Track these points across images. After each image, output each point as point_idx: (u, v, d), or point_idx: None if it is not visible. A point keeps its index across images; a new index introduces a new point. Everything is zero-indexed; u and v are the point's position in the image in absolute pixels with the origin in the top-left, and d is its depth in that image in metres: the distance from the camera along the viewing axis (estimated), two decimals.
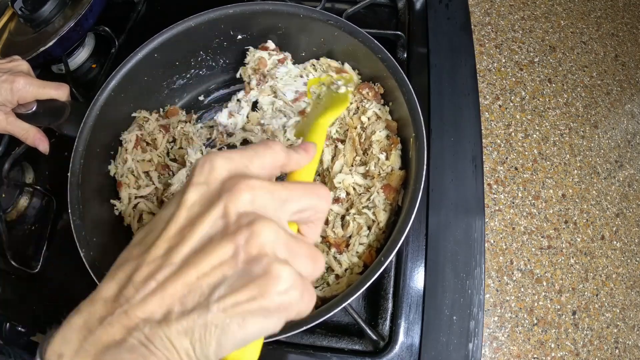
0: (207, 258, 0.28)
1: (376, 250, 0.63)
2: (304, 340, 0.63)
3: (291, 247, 0.30)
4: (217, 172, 0.32)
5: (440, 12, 0.87)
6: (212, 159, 0.32)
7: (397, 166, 0.67)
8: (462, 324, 0.62)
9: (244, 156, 0.34)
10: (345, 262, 0.62)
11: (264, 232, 0.29)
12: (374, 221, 0.64)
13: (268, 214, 0.31)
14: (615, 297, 1.81)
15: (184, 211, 0.31)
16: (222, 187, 0.31)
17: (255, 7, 0.74)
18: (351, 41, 0.71)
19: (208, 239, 0.29)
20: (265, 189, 0.31)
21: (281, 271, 0.28)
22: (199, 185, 0.31)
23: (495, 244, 1.87)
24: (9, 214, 0.77)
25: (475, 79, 0.79)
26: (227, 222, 0.30)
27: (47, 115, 0.69)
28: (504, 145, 2.07)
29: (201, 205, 0.31)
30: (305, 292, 0.30)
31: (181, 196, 0.32)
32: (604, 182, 2.02)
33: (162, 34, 0.73)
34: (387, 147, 0.69)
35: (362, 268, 0.62)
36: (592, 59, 2.32)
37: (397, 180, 0.65)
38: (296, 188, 0.33)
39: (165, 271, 0.28)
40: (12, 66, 0.67)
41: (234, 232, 0.29)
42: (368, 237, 0.63)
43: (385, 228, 0.64)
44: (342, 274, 0.62)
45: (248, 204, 0.30)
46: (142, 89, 0.77)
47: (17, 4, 0.82)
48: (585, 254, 1.88)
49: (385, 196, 0.64)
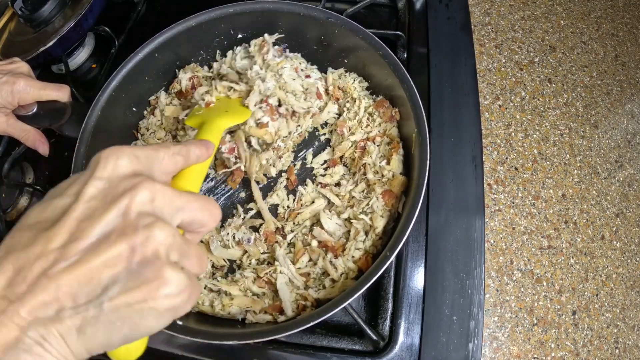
0: (102, 255, 0.28)
1: (372, 256, 0.63)
2: (303, 340, 0.63)
3: (183, 250, 0.32)
4: (121, 169, 0.32)
5: (440, 12, 0.87)
6: (117, 155, 0.33)
7: (399, 171, 0.67)
8: (462, 324, 0.62)
9: (148, 154, 0.35)
10: (341, 266, 0.62)
11: (160, 235, 0.30)
12: (370, 226, 0.64)
13: (164, 218, 0.32)
14: (615, 297, 1.81)
15: (82, 204, 0.30)
16: (124, 185, 0.31)
17: (255, 6, 0.74)
18: (352, 39, 0.71)
19: (104, 236, 0.29)
20: (166, 194, 0.32)
21: (172, 276, 0.30)
22: (100, 179, 0.31)
23: (495, 244, 1.87)
24: (9, 214, 0.77)
25: (475, 79, 0.79)
26: (126, 221, 0.30)
27: (48, 117, 0.69)
28: (504, 145, 2.07)
29: (100, 200, 0.31)
30: (193, 292, 0.31)
31: (80, 187, 0.31)
32: (604, 182, 2.02)
33: (162, 34, 0.73)
34: (387, 153, 0.69)
35: (357, 273, 0.62)
36: (592, 59, 2.32)
37: (398, 186, 0.65)
38: (193, 200, 0.34)
39: (58, 266, 0.28)
40: (12, 68, 0.66)
41: (131, 231, 0.29)
42: (364, 242, 0.63)
43: (382, 234, 0.64)
44: (338, 278, 0.62)
45: (148, 206, 0.31)
46: (143, 89, 0.77)
47: (17, 4, 0.82)
48: (585, 254, 1.87)
49: (385, 202, 0.64)
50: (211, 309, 0.63)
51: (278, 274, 0.63)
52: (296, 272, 0.64)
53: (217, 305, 0.62)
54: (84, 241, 0.29)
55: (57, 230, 0.29)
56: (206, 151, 0.43)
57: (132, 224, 0.30)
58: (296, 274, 0.63)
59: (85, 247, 0.29)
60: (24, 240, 0.30)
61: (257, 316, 0.62)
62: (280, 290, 0.62)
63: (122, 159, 0.32)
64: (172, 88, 0.79)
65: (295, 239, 0.69)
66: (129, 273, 0.29)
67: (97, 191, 0.31)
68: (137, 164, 0.33)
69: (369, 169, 0.69)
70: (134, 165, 0.33)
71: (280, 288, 0.62)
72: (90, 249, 0.29)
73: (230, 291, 0.63)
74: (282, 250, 0.66)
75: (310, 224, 0.70)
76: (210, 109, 0.69)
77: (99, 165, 0.32)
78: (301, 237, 0.68)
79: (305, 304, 0.61)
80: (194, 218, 0.34)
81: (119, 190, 0.31)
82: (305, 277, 0.64)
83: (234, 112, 0.68)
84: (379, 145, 0.71)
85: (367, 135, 0.72)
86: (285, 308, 0.61)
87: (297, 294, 0.62)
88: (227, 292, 0.64)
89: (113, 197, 0.30)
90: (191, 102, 0.75)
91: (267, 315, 0.62)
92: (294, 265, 0.65)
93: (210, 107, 0.70)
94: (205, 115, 0.66)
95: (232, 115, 0.66)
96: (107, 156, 0.32)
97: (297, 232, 0.69)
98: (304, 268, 0.65)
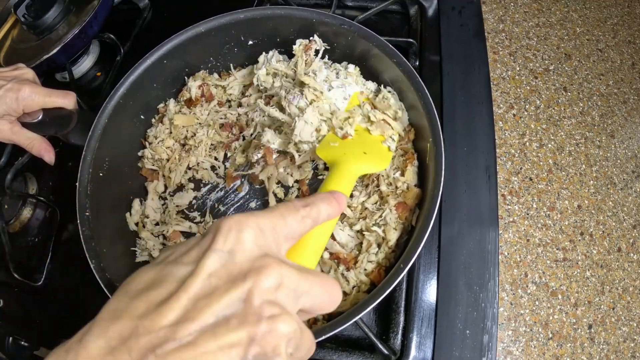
0: (218, 340, 0.26)
1: (385, 269, 0.61)
2: (313, 355, 0.61)
3: (299, 343, 0.29)
4: (246, 243, 0.30)
5: (453, 19, 0.85)
6: (240, 227, 0.30)
7: (413, 183, 0.66)
8: (475, 338, 0.60)
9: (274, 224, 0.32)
10: (353, 279, 0.61)
11: (284, 329, 0.28)
12: (383, 239, 0.62)
13: (289, 307, 0.29)
14: (632, 311, 1.78)
15: (201, 279, 0.28)
16: (248, 264, 0.29)
17: (267, 12, 0.73)
18: (365, 46, 0.70)
19: (223, 320, 0.27)
20: (292, 279, 0.30)
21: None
22: (221, 253, 0.29)
23: (509, 256, 1.85)
24: (12, 226, 0.77)
25: (489, 87, 0.78)
26: (248, 307, 0.27)
27: (54, 124, 0.69)
28: (518, 155, 2.05)
29: (221, 278, 0.28)
30: None
31: (198, 257, 0.29)
32: (620, 192, 1.99)
33: (171, 40, 0.72)
34: (402, 164, 0.68)
35: (369, 286, 0.61)
36: (609, 67, 2.29)
37: (412, 198, 0.63)
38: (318, 284, 0.32)
39: (168, 345, 0.25)
40: (17, 74, 0.66)
41: (254, 320, 0.27)
42: (377, 255, 0.62)
43: (395, 247, 0.62)
44: (350, 291, 0.61)
45: (272, 292, 0.28)
46: (151, 97, 0.76)
47: (20, 11, 0.82)
48: (602, 267, 1.84)
49: (398, 215, 0.63)
50: None
51: None
52: None
53: None
54: (199, 322, 0.26)
55: (171, 305, 0.27)
56: (338, 207, 0.38)
57: (256, 312, 0.27)
58: None
59: (200, 328, 0.26)
60: (132, 308, 0.27)
61: None
62: None
63: (246, 232, 0.30)
64: (181, 96, 0.79)
65: None
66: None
67: (218, 266, 0.28)
68: (261, 238, 0.31)
69: (382, 181, 0.67)
70: (258, 240, 0.31)
71: None
72: (205, 332, 0.26)
73: None
74: None
75: None
76: (346, 144, 0.62)
77: (220, 235, 0.30)
78: None
79: (317, 317, 0.59)
80: (314, 303, 0.32)
81: (241, 270, 0.29)
82: None
83: (373, 154, 0.61)
84: (393, 157, 0.69)
85: None
86: None
87: None
88: None
89: (235, 278, 0.28)
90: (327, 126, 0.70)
91: None
92: None
93: (348, 141, 0.62)
94: (341, 151, 0.59)
95: (371, 159, 0.60)
96: (230, 227, 0.30)
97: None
98: None
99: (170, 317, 0.26)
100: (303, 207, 0.35)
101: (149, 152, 0.76)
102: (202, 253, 0.29)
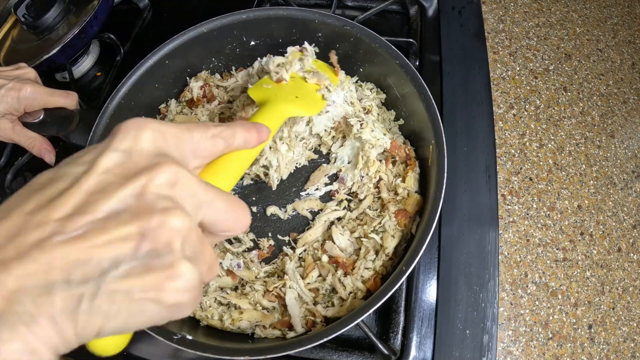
0: (108, 234, 0.25)
1: (382, 277, 0.61)
2: (313, 355, 0.61)
3: (197, 249, 0.29)
4: (143, 143, 0.29)
5: (453, 19, 0.86)
6: (140, 126, 0.30)
7: (414, 189, 0.65)
8: (475, 338, 0.61)
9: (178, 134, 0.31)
10: (349, 285, 0.61)
11: (177, 223, 0.27)
12: (381, 246, 0.62)
13: (186, 206, 0.28)
14: (632, 311, 1.78)
15: (95, 175, 0.27)
16: (144, 162, 0.28)
17: (269, 13, 0.73)
18: (367, 47, 0.70)
19: (114, 214, 0.26)
20: (190, 183, 0.29)
21: (186, 270, 0.27)
22: (118, 152, 0.28)
23: (509, 256, 1.85)
24: None
25: (489, 88, 0.78)
26: (141, 202, 0.27)
27: (55, 124, 0.69)
28: (518, 155, 2.05)
29: (116, 174, 0.27)
30: (198, 296, 0.29)
31: (94, 157, 0.28)
32: (620, 192, 1.99)
33: (173, 40, 0.72)
34: (403, 172, 0.68)
35: (365, 294, 0.61)
36: (609, 67, 2.29)
37: (413, 205, 0.63)
38: (221, 198, 0.31)
39: (56, 238, 0.25)
40: (18, 74, 0.66)
41: (146, 214, 0.26)
42: (374, 262, 0.62)
43: (393, 255, 0.62)
44: (346, 297, 0.61)
45: (167, 190, 0.28)
46: (153, 97, 0.76)
47: (20, 11, 0.82)
48: (602, 267, 1.84)
49: (397, 222, 0.63)
50: (220, 323, 0.62)
51: (287, 289, 0.62)
52: (305, 287, 0.63)
53: (227, 320, 0.61)
54: (89, 215, 0.26)
55: (63, 200, 0.26)
56: (257, 136, 0.38)
57: (148, 206, 0.27)
58: (305, 289, 0.62)
59: (89, 222, 0.25)
60: (24, 205, 0.26)
61: (266, 331, 0.60)
62: (289, 306, 0.61)
63: (145, 131, 0.30)
64: (182, 96, 0.79)
65: (305, 253, 0.67)
66: (135, 258, 0.26)
67: (113, 164, 0.28)
68: (162, 141, 0.30)
69: (383, 187, 0.67)
70: (158, 142, 0.30)
71: (289, 304, 0.61)
72: (95, 226, 0.25)
73: (240, 304, 0.62)
74: (293, 264, 0.65)
75: (322, 239, 0.68)
76: (280, 87, 0.61)
77: (118, 136, 0.29)
78: (312, 252, 0.67)
79: (315, 320, 0.59)
80: (217, 218, 0.31)
81: (137, 167, 0.28)
82: (314, 293, 0.63)
83: (305, 99, 0.60)
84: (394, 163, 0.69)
85: None
86: (294, 324, 0.59)
87: (306, 310, 0.61)
88: (237, 305, 0.62)
89: (129, 174, 0.27)
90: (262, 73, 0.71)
91: (276, 330, 0.61)
92: (304, 280, 0.63)
93: (281, 85, 0.62)
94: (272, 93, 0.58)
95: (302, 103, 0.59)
96: (128, 128, 0.30)
97: (308, 246, 0.68)
98: (313, 283, 0.64)
99: (61, 212, 0.26)
100: (215, 127, 0.34)
101: None
102: (99, 153, 0.28)
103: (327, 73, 0.67)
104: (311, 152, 0.75)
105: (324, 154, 0.76)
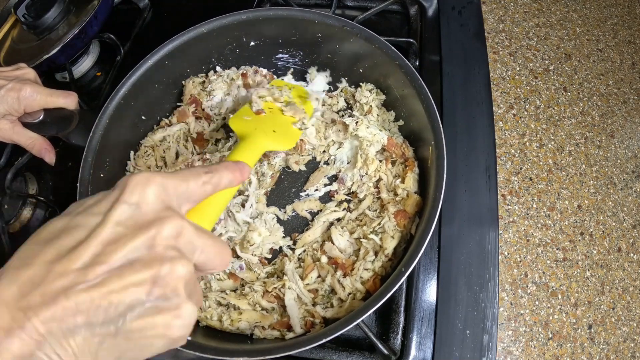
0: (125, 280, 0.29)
1: (381, 278, 0.61)
2: (313, 355, 0.61)
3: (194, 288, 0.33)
4: (149, 197, 0.33)
5: (453, 19, 0.86)
6: (146, 182, 0.33)
7: (413, 190, 0.65)
8: (475, 338, 0.61)
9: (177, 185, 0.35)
10: (349, 286, 0.61)
11: (182, 271, 0.31)
12: (380, 247, 0.62)
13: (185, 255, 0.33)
14: (632, 311, 1.78)
15: (110, 227, 0.30)
16: (152, 215, 0.32)
17: (269, 13, 0.73)
18: (367, 48, 0.70)
19: (128, 262, 0.30)
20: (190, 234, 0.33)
21: (189, 309, 0.32)
22: (129, 204, 0.32)
23: (509, 256, 1.85)
24: (12, 226, 0.76)
25: (489, 88, 0.78)
26: (152, 252, 0.31)
27: (55, 124, 0.69)
28: (518, 155, 2.05)
29: (128, 227, 0.31)
30: (191, 326, 0.33)
31: (107, 208, 0.32)
32: (620, 192, 1.99)
33: (173, 40, 0.72)
34: (402, 172, 0.68)
35: (364, 295, 0.61)
36: (609, 67, 2.29)
37: (412, 206, 0.63)
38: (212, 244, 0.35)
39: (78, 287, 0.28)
40: (18, 74, 0.66)
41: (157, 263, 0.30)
42: (373, 263, 0.62)
43: (393, 256, 0.62)
44: (345, 298, 0.61)
45: (173, 240, 0.32)
46: (153, 97, 0.76)
47: (20, 11, 0.82)
48: (602, 267, 1.84)
49: (397, 222, 0.63)
50: (219, 323, 0.62)
51: (286, 289, 0.62)
52: (304, 287, 0.63)
53: (226, 320, 0.61)
54: (106, 265, 0.29)
55: (82, 250, 0.29)
56: (240, 176, 0.42)
57: (158, 256, 0.31)
58: (304, 290, 0.62)
59: (107, 271, 0.29)
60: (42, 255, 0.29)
61: (265, 332, 0.60)
62: (288, 307, 0.61)
63: (150, 187, 0.33)
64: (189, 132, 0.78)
65: (305, 254, 0.67)
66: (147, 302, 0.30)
67: (125, 217, 0.31)
68: (165, 195, 0.34)
69: (383, 187, 0.67)
70: (162, 195, 0.34)
71: (288, 305, 0.61)
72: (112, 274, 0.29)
73: (239, 305, 0.62)
74: (292, 264, 0.65)
75: (322, 240, 0.68)
76: (258, 120, 0.65)
77: (127, 189, 0.32)
78: (311, 252, 0.66)
79: (314, 321, 0.59)
80: (208, 259, 0.35)
81: (146, 220, 0.32)
82: (313, 294, 0.63)
83: (281, 133, 0.65)
84: (393, 163, 0.69)
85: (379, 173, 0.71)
86: (293, 325, 0.59)
87: (305, 311, 0.61)
88: (236, 306, 0.62)
89: (140, 226, 0.31)
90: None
91: (275, 331, 0.61)
92: (303, 280, 0.63)
93: (260, 118, 0.66)
94: (251, 125, 0.62)
95: (278, 138, 0.63)
96: (136, 183, 0.33)
97: (307, 247, 0.68)
98: (312, 284, 0.64)
99: (80, 262, 0.29)
100: (205, 174, 0.38)
101: (132, 167, 0.74)
102: (110, 205, 0.32)
103: (304, 102, 0.71)
104: None
105: (317, 160, 0.76)
